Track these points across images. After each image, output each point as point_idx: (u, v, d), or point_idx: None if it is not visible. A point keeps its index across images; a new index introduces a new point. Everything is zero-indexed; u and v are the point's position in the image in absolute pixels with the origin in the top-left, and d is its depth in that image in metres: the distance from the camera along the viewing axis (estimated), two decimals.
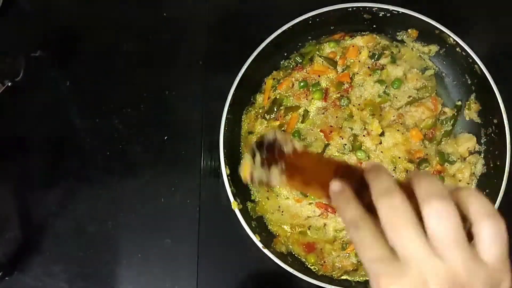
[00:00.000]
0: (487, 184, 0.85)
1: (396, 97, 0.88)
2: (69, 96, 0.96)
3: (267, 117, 0.89)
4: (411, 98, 0.87)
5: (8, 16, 0.96)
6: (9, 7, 0.96)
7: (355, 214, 0.43)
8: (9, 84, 0.89)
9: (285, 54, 0.92)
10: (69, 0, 0.99)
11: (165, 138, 0.94)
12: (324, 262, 0.84)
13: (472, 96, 0.88)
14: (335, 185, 0.47)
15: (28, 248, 0.92)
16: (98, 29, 0.97)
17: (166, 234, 0.91)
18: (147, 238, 0.91)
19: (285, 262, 0.80)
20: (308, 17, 0.84)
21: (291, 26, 0.84)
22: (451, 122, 0.88)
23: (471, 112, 0.88)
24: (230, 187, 0.83)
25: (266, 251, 0.80)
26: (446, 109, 0.89)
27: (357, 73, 0.88)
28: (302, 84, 0.88)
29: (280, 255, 0.82)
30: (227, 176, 0.83)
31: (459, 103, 0.89)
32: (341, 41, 0.90)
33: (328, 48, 0.90)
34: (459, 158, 0.87)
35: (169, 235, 0.91)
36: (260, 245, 0.80)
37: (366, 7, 0.85)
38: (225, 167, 0.83)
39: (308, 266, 0.85)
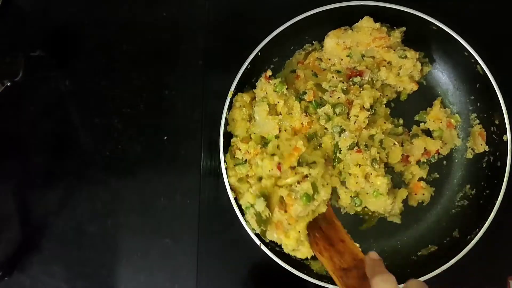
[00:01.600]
0: (488, 184, 0.84)
1: None
2: (68, 96, 0.95)
3: None
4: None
5: (7, 15, 0.96)
6: (8, 6, 0.96)
7: (388, 275, 0.58)
8: (9, 84, 0.88)
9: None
10: (69, 0, 0.98)
11: (165, 138, 0.94)
12: None
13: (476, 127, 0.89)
14: (375, 255, 0.63)
15: (28, 248, 0.92)
16: (98, 29, 0.97)
17: (166, 234, 0.91)
18: (147, 238, 0.91)
19: (285, 261, 0.80)
20: (306, 16, 0.84)
21: (291, 25, 0.84)
22: None
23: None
24: (231, 187, 0.83)
25: (265, 249, 0.80)
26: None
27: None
28: None
29: (280, 254, 0.82)
30: (227, 176, 0.83)
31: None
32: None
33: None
34: None
35: (169, 235, 0.91)
36: (258, 242, 0.80)
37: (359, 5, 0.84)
38: (225, 167, 0.83)
39: (309, 265, 0.85)
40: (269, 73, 0.85)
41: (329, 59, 0.90)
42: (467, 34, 0.82)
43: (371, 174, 0.81)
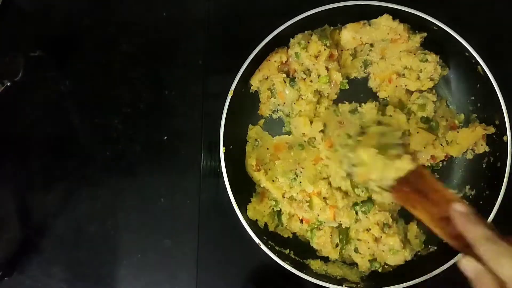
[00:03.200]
0: (488, 185, 0.84)
1: None
2: (68, 96, 0.95)
3: None
4: None
5: (7, 15, 0.96)
6: (8, 6, 0.96)
7: (487, 232, 0.53)
8: (9, 84, 0.88)
9: None
10: (69, 0, 0.98)
11: (165, 138, 0.94)
12: None
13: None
14: (462, 206, 0.57)
15: (28, 248, 0.92)
16: (98, 29, 0.97)
17: (166, 234, 0.91)
18: (147, 238, 0.91)
19: (284, 260, 0.80)
20: (306, 16, 0.84)
21: (290, 25, 0.84)
22: None
23: None
24: (231, 186, 0.82)
25: (265, 248, 0.80)
26: None
27: None
28: None
29: (280, 254, 0.82)
30: (227, 176, 0.83)
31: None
32: None
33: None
34: None
35: (169, 235, 0.91)
36: (257, 240, 0.80)
37: (360, 5, 0.84)
38: (225, 167, 0.83)
39: (309, 265, 0.85)
40: None
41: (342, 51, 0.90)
42: (468, 35, 0.82)
43: (381, 237, 0.82)
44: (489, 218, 0.79)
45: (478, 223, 0.54)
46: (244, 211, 0.84)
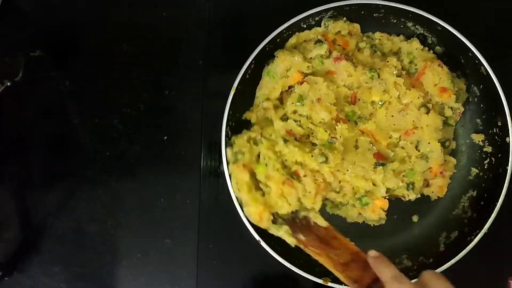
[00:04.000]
0: (489, 186, 0.84)
1: None
2: (68, 96, 0.95)
3: None
4: None
5: (7, 15, 0.96)
6: (8, 6, 0.95)
7: (396, 272, 0.60)
8: (9, 84, 0.88)
9: None
10: (68, 0, 0.98)
11: (165, 138, 0.94)
12: None
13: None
14: (374, 253, 0.64)
15: (28, 248, 0.92)
16: (98, 29, 0.97)
17: (166, 234, 0.91)
18: (147, 238, 0.91)
19: (285, 259, 0.80)
20: (305, 16, 0.83)
21: (290, 25, 0.83)
22: None
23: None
24: (231, 181, 0.81)
25: (265, 245, 0.80)
26: None
27: None
28: None
29: (280, 252, 0.82)
30: (229, 175, 0.82)
31: None
32: None
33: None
34: None
35: (169, 235, 0.91)
36: (257, 237, 0.80)
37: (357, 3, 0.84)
38: (227, 167, 0.83)
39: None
40: None
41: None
42: (472, 35, 0.81)
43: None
44: (490, 219, 0.79)
45: (389, 265, 0.61)
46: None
